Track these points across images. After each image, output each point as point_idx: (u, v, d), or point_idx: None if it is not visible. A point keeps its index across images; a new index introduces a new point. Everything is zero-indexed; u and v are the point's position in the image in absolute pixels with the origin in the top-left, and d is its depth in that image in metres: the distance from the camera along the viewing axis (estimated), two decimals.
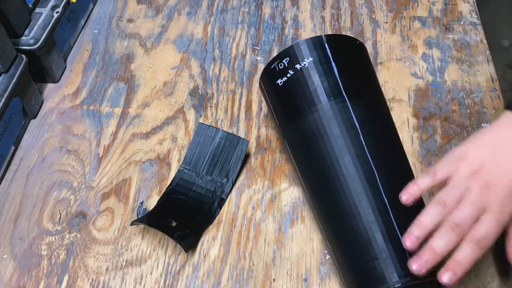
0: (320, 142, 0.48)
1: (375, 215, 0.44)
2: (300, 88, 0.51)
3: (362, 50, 0.55)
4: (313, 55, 0.51)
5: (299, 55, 0.51)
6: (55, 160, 0.60)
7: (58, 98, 0.67)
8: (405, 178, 0.47)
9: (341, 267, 0.47)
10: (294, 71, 0.51)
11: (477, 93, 0.65)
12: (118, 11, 0.77)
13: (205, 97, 0.66)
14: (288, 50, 0.52)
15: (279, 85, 0.53)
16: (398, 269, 0.42)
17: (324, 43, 0.51)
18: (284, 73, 0.52)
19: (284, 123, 0.53)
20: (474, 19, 0.74)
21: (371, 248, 0.43)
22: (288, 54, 0.52)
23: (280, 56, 0.53)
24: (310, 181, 0.50)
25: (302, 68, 0.51)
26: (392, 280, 0.42)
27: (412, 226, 0.42)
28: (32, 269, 0.52)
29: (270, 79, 0.54)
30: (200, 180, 0.57)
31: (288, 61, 0.52)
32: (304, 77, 0.51)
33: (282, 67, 0.52)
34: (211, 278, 0.51)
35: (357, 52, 0.54)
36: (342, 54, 0.52)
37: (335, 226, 0.47)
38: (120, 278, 0.51)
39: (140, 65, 0.70)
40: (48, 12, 0.65)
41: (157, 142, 0.61)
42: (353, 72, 0.52)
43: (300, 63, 0.51)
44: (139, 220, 0.53)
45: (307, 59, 0.51)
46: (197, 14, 0.76)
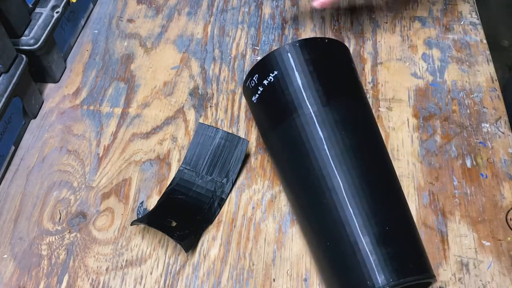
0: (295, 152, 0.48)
1: (358, 219, 0.43)
2: (270, 103, 0.51)
3: (335, 48, 0.53)
4: (277, 68, 0.50)
5: (265, 70, 0.51)
6: (55, 160, 0.60)
7: (58, 98, 0.67)
8: (389, 180, 0.47)
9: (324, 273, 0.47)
10: (263, 87, 0.51)
11: (477, 93, 0.65)
12: (118, 11, 0.77)
13: (205, 97, 0.66)
14: (255, 67, 0.52)
15: (254, 102, 0.53)
16: (386, 272, 0.42)
17: (287, 52, 0.50)
18: (256, 90, 0.52)
19: (264, 137, 0.54)
20: (474, 19, 0.74)
21: (356, 253, 0.43)
22: (257, 71, 0.52)
23: (251, 73, 0.53)
24: (292, 194, 0.50)
25: (269, 83, 0.51)
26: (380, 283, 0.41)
27: None
28: (32, 269, 0.52)
29: (248, 96, 0.55)
30: (200, 180, 0.57)
31: (257, 77, 0.52)
32: (272, 92, 0.50)
33: (253, 84, 0.52)
34: (211, 278, 0.51)
35: (326, 53, 0.52)
36: (307, 60, 0.50)
37: (318, 232, 0.47)
38: (120, 278, 0.51)
39: (140, 65, 0.70)
40: (48, 12, 0.65)
41: (157, 142, 0.61)
42: (323, 76, 0.50)
43: (267, 78, 0.51)
44: (139, 220, 0.53)
45: (272, 74, 0.50)
46: (197, 14, 0.76)
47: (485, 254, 0.51)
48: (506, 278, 0.50)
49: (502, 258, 0.51)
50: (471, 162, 0.58)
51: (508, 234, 0.52)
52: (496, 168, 0.58)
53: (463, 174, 0.57)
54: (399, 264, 0.42)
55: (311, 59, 0.51)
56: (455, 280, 0.50)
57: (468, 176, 0.57)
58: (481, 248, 0.52)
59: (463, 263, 0.51)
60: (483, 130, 0.61)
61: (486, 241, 0.52)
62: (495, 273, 0.50)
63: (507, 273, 0.50)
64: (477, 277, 0.50)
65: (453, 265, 0.51)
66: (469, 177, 0.57)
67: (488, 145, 0.60)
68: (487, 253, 0.51)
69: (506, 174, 0.57)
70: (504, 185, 0.56)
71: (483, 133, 0.61)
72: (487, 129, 0.61)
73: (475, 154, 0.59)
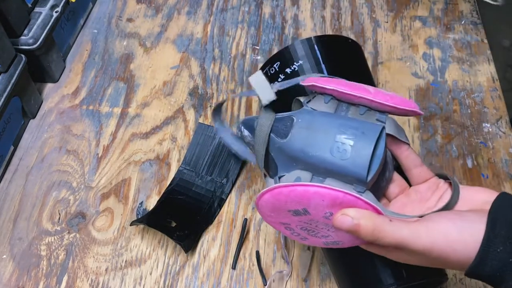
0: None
1: None
2: (291, 92, 0.51)
3: (355, 49, 0.54)
4: (303, 58, 0.50)
5: (289, 59, 0.51)
6: (55, 160, 0.60)
7: (57, 98, 0.66)
8: None
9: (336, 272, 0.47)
10: (284, 75, 0.51)
11: (478, 93, 0.65)
12: (117, 11, 0.77)
13: (205, 97, 0.66)
14: (278, 54, 0.52)
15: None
16: (395, 271, 0.42)
17: (313, 44, 0.51)
18: (275, 77, 0.52)
19: None
20: (475, 19, 0.74)
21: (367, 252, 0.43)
22: (279, 58, 0.52)
23: (271, 60, 0.53)
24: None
25: (292, 72, 0.50)
26: (389, 282, 0.42)
27: None
28: (32, 270, 0.52)
29: None
30: (200, 180, 0.56)
31: (278, 65, 0.52)
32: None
33: (273, 72, 0.52)
34: (211, 278, 0.51)
35: (349, 52, 0.53)
36: (333, 55, 0.51)
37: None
38: (120, 279, 0.51)
39: (139, 64, 0.70)
40: (47, 12, 0.64)
41: (156, 142, 0.61)
42: (345, 73, 0.51)
43: (290, 66, 0.51)
44: (138, 221, 0.52)
45: (297, 63, 0.50)
46: (197, 14, 0.76)
47: None
48: None
49: None
50: (472, 162, 0.58)
51: None
52: (497, 168, 0.57)
53: (464, 174, 0.57)
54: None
55: (337, 55, 0.52)
56: (456, 280, 0.50)
57: (469, 176, 0.57)
58: None
59: None
60: (484, 130, 0.61)
61: None
62: None
63: None
64: None
65: None
66: (470, 177, 0.57)
67: (489, 145, 0.59)
68: None
69: (507, 174, 0.57)
70: (505, 185, 0.56)
71: (484, 133, 0.61)
72: (488, 129, 0.61)
73: (476, 154, 0.59)
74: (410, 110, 0.37)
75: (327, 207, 0.34)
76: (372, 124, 0.36)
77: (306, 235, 0.38)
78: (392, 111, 0.37)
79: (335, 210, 0.34)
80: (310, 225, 0.37)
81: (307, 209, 0.35)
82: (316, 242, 0.39)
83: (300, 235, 0.38)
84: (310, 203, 0.34)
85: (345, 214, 0.33)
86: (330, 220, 0.35)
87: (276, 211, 0.37)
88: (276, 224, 0.38)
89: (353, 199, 0.33)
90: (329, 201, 0.34)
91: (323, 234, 0.37)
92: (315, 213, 0.35)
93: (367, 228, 0.33)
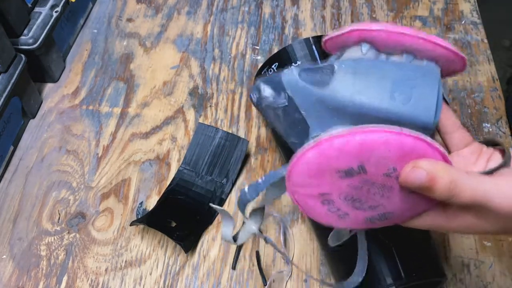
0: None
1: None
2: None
3: None
4: (301, 58, 0.50)
5: (287, 59, 0.51)
6: (54, 160, 0.60)
7: (57, 98, 0.66)
8: None
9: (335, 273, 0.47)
10: None
11: (478, 93, 0.65)
12: (117, 11, 0.77)
13: (205, 97, 0.66)
14: (276, 55, 0.52)
15: None
16: (393, 272, 0.42)
17: (311, 45, 0.50)
18: None
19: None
20: (475, 19, 0.74)
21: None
22: (277, 59, 0.52)
23: (270, 61, 0.52)
24: None
25: None
26: (387, 283, 0.42)
27: None
28: (31, 270, 0.52)
29: None
30: (200, 180, 0.56)
31: (276, 66, 0.51)
32: None
33: (271, 73, 0.52)
34: (211, 278, 0.51)
35: None
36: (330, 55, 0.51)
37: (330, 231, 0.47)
38: (120, 279, 0.51)
39: (139, 64, 0.70)
40: (47, 12, 0.64)
41: (156, 142, 0.61)
42: None
43: (289, 67, 0.51)
44: (138, 221, 0.52)
45: (295, 63, 0.50)
46: (197, 14, 0.76)
47: (486, 255, 0.51)
48: (507, 279, 0.49)
49: (503, 258, 0.51)
50: None
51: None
52: None
53: None
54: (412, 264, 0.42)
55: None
56: (456, 280, 0.50)
57: None
58: (482, 249, 0.51)
59: (464, 264, 0.50)
60: (484, 130, 0.61)
61: (487, 242, 0.52)
62: (496, 274, 0.50)
63: (508, 273, 0.50)
64: (478, 278, 0.49)
65: (454, 265, 0.50)
66: None
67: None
68: (488, 254, 0.51)
69: None
70: None
71: (484, 133, 0.61)
72: (488, 129, 0.61)
73: None
74: (460, 55, 0.32)
75: (391, 160, 0.28)
76: (429, 66, 0.32)
77: (348, 209, 0.32)
78: (442, 56, 0.32)
79: (401, 164, 0.28)
80: (360, 190, 0.31)
81: (365, 165, 0.29)
82: (357, 219, 0.33)
83: (340, 211, 0.32)
84: (371, 155, 0.28)
85: (418, 166, 0.28)
86: (390, 179, 0.29)
87: (318, 175, 0.30)
88: (309, 198, 0.32)
89: (424, 147, 0.28)
90: (396, 151, 0.28)
91: (372, 204, 0.31)
92: (374, 170, 0.29)
93: (444, 182, 0.28)
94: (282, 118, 0.33)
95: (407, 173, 0.28)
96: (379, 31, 0.31)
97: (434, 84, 0.30)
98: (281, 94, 0.33)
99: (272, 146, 0.60)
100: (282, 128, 0.34)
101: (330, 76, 0.31)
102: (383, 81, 0.30)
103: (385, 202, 0.31)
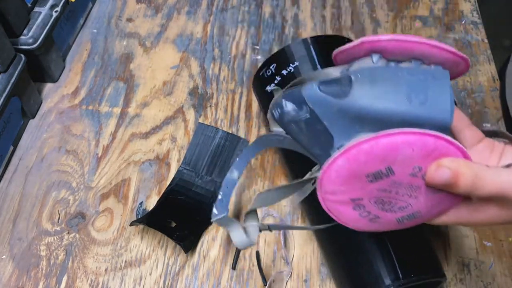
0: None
1: None
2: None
3: None
4: (299, 59, 0.50)
5: (285, 60, 0.51)
6: (54, 160, 0.60)
7: (57, 98, 0.66)
8: None
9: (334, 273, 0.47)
10: (281, 77, 0.51)
11: (478, 93, 0.64)
12: (117, 11, 0.77)
13: (204, 97, 0.66)
14: (274, 56, 0.52)
15: (268, 92, 0.52)
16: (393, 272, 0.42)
17: (310, 45, 0.51)
18: (272, 79, 0.52)
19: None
20: (475, 19, 0.74)
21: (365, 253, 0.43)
22: (275, 60, 0.52)
23: (268, 62, 0.52)
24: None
25: (288, 73, 0.50)
26: (386, 283, 0.42)
27: None
28: (31, 270, 0.52)
29: (260, 86, 0.54)
30: (200, 181, 0.56)
31: (275, 67, 0.52)
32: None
33: (269, 74, 0.52)
34: (211, 279, 0.51)
35: None
36: (330, 55, 0.51)
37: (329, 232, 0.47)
38: (119, 279, 0.51)
39: (139, 64, 0.70)
40: (47, 12, 0.64)
41: (156, 142, 0.61)
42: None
43: (287, 68, 0.51)
44: (138, 221, 0.52)
45: (293, 64, 0.50)
46: (197, 13, 0.76)
47: (486, 255, 0.51)
48: (507, 279, 0.49)
49: (503, 258, 0.51)
50: None
51: (510, 234, 0.52)
52: None
53: None
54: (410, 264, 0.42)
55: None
56: (456, 281, 0.50)
57: None
58: (482, 249, 0.51)
59: (464, 264, 0.50)
60: (484, 130, 0.61)
61: (487, 242, 0.52)
62: (496, 274, 0.50)
63: (509, 273, 0.50)
64: (478, 278, 0.49)
65: (454, 265, 0.50)
66: None
67: None
68: (488, 254, 0.51)
69: None
70: None
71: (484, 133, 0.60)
72: (489, 129, 0.61)
73: None
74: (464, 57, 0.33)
75: (416, 160, 0.30)
76: (437, 70, 0.33)
77: (379, 212, 0.34)
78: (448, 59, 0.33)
79: (425, 163, 0.30)
80: (389, 193, 0.32)
81: (392, 166, 0.31)
82: (388, 221, 0.34)
83: (371, 214, 0.34)
84: (397, 156, 0.30)
85: (441, 165, 0.30)
86: (417, 179, 0.31)
87: (349, 181, 0.32)
88: (340, 204, 0.33)
89: (445, 145, 0.30)
90: (419, 150, 0.30)
91: (401, 205, 0.33)
92: (400, 170, 0.31)
93: (467, 177, 0.29)
94: (305, 131, 0.35)
95: (432, 172, 0.30)
96: (389, 40, 0.33)
97: (446, 86, 0.32)
98: (302, 107, 0.34)
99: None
100: (305, 140, 0.35)
101: (348, 87, 0.33)
102: (398, 86, 0.32)
103: (413, 202, 0.33)
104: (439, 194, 0.32)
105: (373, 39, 0.33)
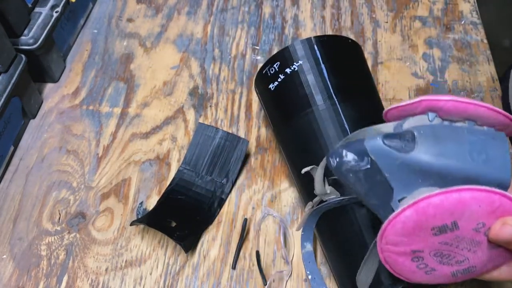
0: (312, 145, 0.48)
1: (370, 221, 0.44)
2: (290, 92, 0.51)
3: (355, 49, 0.54)
4: (303, 58, 0.51)
5: (289, 59, 0.51)
6: (55, 160, 0.60)
7: (57, 98, 0.66)
8: None
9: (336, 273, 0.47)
10: (284, 75, 0.51)
11: (478, 93, 0.65)
12: (117, 11, 0.77)
13: (205, 97, 0.66)
14: (278, 55, 0.52)
15: (271, 90, 0.52)
16: None
17: (313, 45, 0.51)
18: (275, 78, 0.52)
19: (278, 127, 0.53)
20: (475, 19, 0.74)
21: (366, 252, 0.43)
22: (278, 59, 0.52)
23: (271, 60, 0.53)
24: (303, 184, 0.50)
25: (292, 72, 0.51)
26: (387, 283, 0.42)
27: None
28: (32, 270, 0.52)
29: (263, 84, 0.54)
30: (200, 180, 0.56)
31: (278, 65, 0.52)
32: (294, 81, 0.50)
33: (273, 72, 0.52)
34: (211, 278, 0.51)
35: (349, 52, 0.53)
36: (332, 55, 0.51)
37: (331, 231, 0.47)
38: (120, 279, 0.51)
39: (139, 64, 0.70)
40: (47, 12, 0.64)
41: (156, 142, 0.61)
42: (344, 73, 0.51)
43: (290, 67, 0.51)
44: (138, 221, 0.52)
45: (296, 63, 0.51)
46: (197, 14, 0.76)
47: None
48: None
49: None
50: None
51: None
52: None
53: None
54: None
55: (337, 55, 0.51)
56: None
57: None
58: None
59: None
60: None
61: None
62: None
63: None
64: None
65: None
66: None
67: None
68: None
69: None
70: None
71: None
72: None
73: None
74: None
75: (481, 216, 0.31)
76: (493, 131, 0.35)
77: (436, 265, 0.34)
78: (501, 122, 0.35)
79: (489, 219, 0.31)
80: (451, 246, 0.33)
81: (458, 221, 0.32)
82: (443, 274, 0.35)
83: (428, 267, 0.34)
84: (464, 211, 0.31)
85: (507, 223, 0.31)
86: (479, 234, 0.32)
87: (413, 233, 0.32)
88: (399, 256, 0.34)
89: (509, 203, 0.31)
90: (486, 207, 0.31)
91: (458, 259, 0.34)
92: (465, 225, 0.32)
93: None
94: (363, 181, 0.35)
95: (497, 229, 0.31)
96: (447, 101, 0.34)
97: (505, 146, 0.33)
98: (364, 158, 0.35)
99: (272, 146, 0.60)
100: (362, 190, 0.36)
101: (412, 142, 0.34)
102: (461, 144, 0.33)
103: (470, 256, 0.34)
104: (497, 250, 0.33)
105: (432, 98, 0.34)
